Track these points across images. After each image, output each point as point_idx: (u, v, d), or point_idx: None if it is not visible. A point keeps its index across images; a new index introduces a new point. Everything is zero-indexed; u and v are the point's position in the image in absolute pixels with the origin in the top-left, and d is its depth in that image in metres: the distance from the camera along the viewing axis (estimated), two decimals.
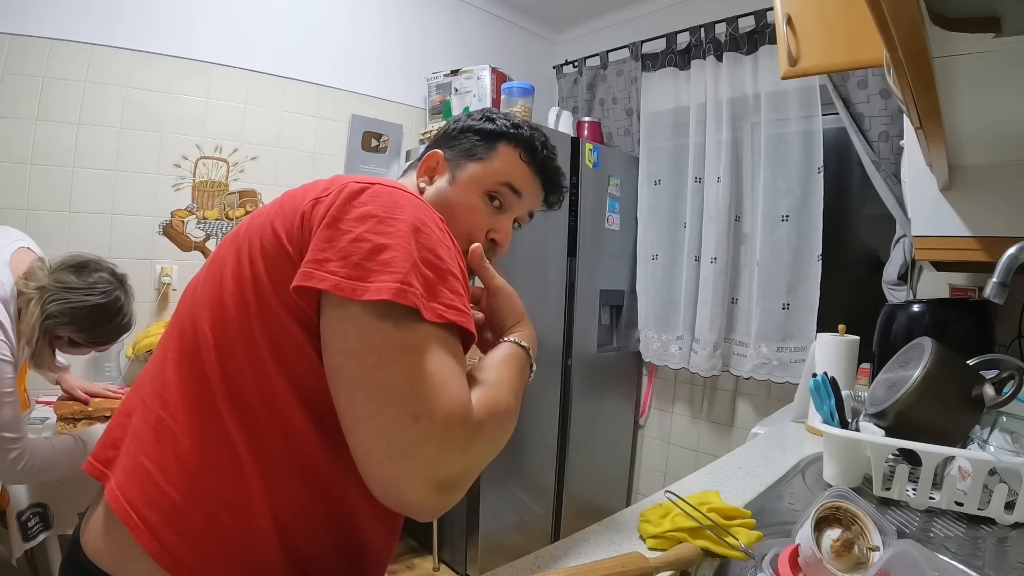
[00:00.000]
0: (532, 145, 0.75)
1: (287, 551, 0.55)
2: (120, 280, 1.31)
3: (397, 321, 0.50)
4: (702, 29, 2.31)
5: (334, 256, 0.51)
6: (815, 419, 1.13)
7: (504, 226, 0.74)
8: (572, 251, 2.29)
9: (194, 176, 2.05)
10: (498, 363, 0.60)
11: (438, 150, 0.76)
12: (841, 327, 1.44)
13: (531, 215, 0.79)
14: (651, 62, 2.51)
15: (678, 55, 2.42)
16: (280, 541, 0.55)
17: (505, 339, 0.64)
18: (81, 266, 1.25)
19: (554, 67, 3.03)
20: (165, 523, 0.52)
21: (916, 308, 1.50)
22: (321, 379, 0.53)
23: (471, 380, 0.55)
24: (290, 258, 0.54)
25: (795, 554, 0.66)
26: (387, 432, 0.47)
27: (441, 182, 0.74)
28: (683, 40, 2.39)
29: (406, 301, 0.49)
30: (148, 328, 1.94)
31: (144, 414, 0.58)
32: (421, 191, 0.74)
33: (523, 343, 0.64)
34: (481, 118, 0.77)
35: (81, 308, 1.20)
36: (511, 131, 0.75)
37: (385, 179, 0.60)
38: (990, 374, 1.01)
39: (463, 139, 0.75)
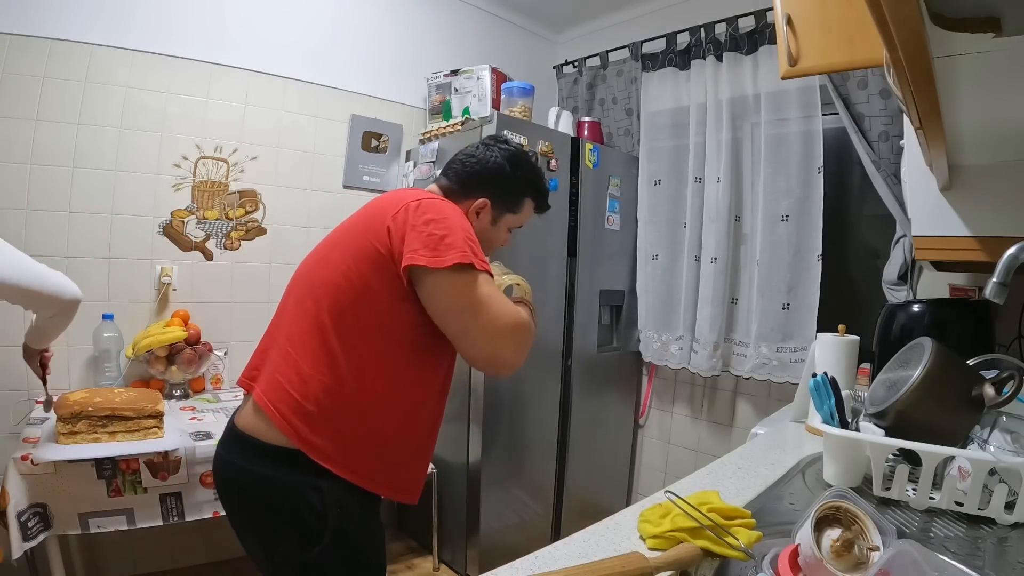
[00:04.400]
0: (545, 203, 1.19)
1: (371, 427, 0.93)
2: None
3: (468, 274, 0.89)
4: (702, 29, 2.31)
5: (420, 246, 0.88)
6: (815, 419, 1.13)
7: (510, 238, 1.18)
8: (572, 251, 2.29)
9: (194, 176, 2.05)
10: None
11: (487, 199, 1.09)
12: (841, 327, 1.44)
13: None
14: (651, 62, 2.51)
15: (678, 55, 2.42)
16: (366, 421, 0.92)
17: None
18: None
19: (554, 67, 3.03)
20: (291, 412, 0.89)
21: (916, 308, 1.50)
22: (399, 321, 0.93)
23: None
24: (386, 260, 0.91)
25: (795, 554, 0.67)
26: (485, 330, 0.90)
27: (486, 220, 1.10)
28: (683, 40, 2.39)
29: (467, 260, 0.88)
30: (148, 328, 1.94)
31: (278, 351, 0.97)
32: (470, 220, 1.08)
33: (525, 298, 1.11)
34: (521, 165, 1.12)
35: None
36: (537, 188, 1.15)
37: (424, 192, 1.01)
38: (990, 374, 1.01)
39: (509, 188, 1.11)
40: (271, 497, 0.90)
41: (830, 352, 1.41)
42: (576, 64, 2.85)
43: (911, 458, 1.01)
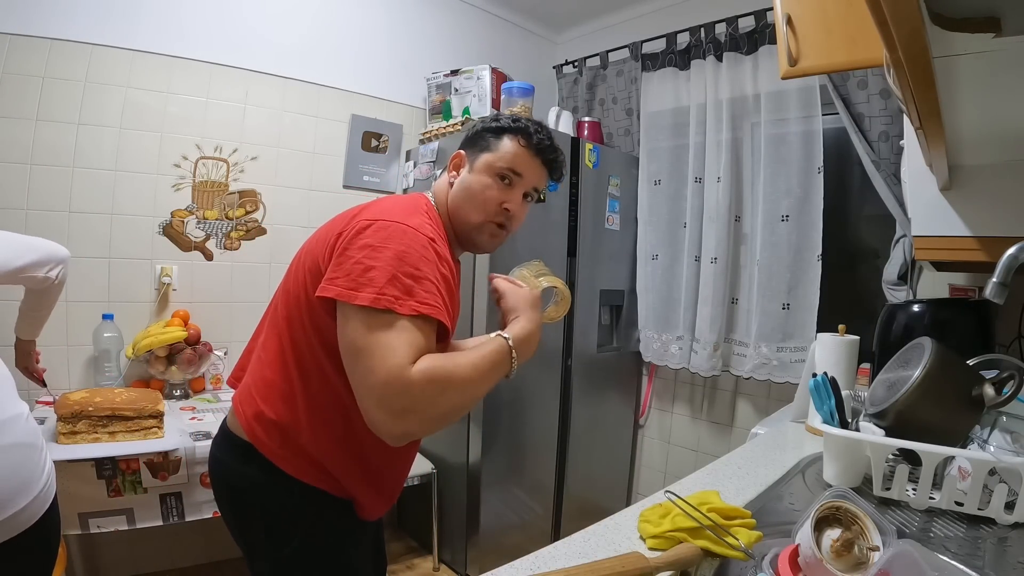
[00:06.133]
0: (528, 133, 0.97)
1: (314, 437, 0.88)
2: None
3: (374, 317, 0.75)
4: (702, 29, 2.30)
5: (340, 275, 0.79)
6: (815, 419, 1.13)
7: (514, 197, 0.97)
8: (572, 251, 2.29)
9: (194, 176, 2.05)
10: (473, 346, 0.84)
11: (461, 150, 1.01)
12: (841, 327, 1.44)
13: (537, 190, 1.01)
14: (651, 62, 2.51)
15: (678, 55, 2.42)
16: (313, 432, 0.88)
17: (495, 333, 0.87)
18: None
19: (554, 67, 3.03)
20: (252, 414, 0.90)
21: (916, 308, 1.50)
22: (335, 339, 0.82)
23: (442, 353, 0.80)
24: (321, 277, 0.83)
25: (795, 554, 0.67)
26: (361, 381, 0.76)
27: (464, 172, 1.00)
28: (683, 40, 2.39)
29: (379, 305, 0.75)
30: (148, 328, 1.94)
31: (255, 357, 0.97)
32: (451, 183, 1.00)
33: (506, 335, 0.85)
34: (491, 120, 1.02)
35: None
36: (512, 125, 0.98)
37: (396, 212, 0.85)
38: (990, 374, 1.01)
39: (478, 139, 1.00)
40: (248, 494, 0.93)
41: (830, 352, 1.41)
42: (576, 64, 2.85)
43: (911, 458, 1.01)
